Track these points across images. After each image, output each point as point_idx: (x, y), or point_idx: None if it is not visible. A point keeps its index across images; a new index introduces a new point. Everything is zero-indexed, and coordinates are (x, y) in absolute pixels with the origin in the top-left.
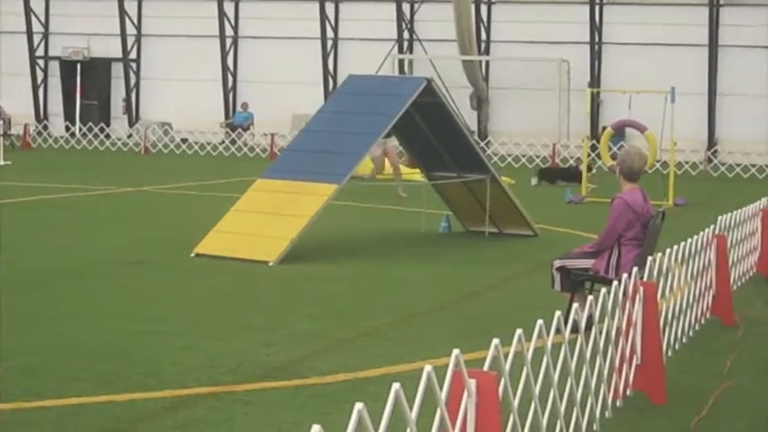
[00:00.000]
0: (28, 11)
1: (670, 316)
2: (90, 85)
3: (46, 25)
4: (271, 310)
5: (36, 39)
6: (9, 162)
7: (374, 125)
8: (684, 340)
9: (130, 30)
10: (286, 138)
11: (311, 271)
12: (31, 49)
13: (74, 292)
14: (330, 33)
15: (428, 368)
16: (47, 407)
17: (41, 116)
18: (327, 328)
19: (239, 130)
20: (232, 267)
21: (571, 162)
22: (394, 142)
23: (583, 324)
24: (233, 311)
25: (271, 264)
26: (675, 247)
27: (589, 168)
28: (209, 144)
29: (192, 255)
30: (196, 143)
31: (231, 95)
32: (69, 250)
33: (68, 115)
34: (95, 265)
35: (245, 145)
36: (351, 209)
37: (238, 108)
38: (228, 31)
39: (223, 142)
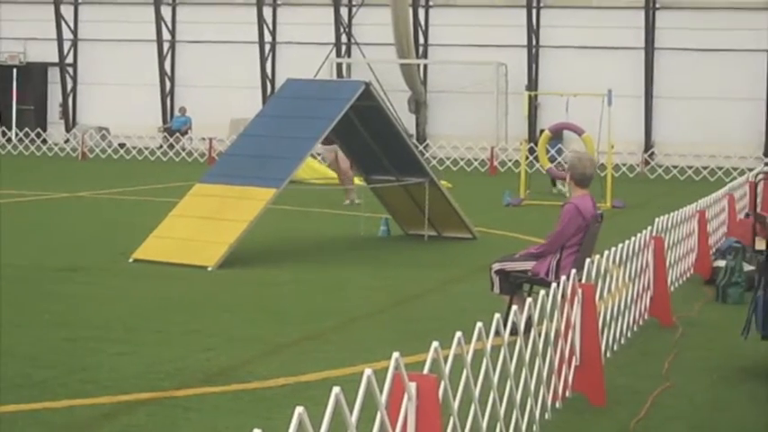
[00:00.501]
0: None
1: (609, 317)
2: (26, 89)
3: None
4: (210, 315)
5: None
6: None
7: (313, 129)
8: (623, 341)
9: (67, 34)
10: (224, 142)
11: (251, 275)
12: None
13: (9, 299)
14: (268, 37)
15: (368, 371)
16: None
17: None
18: (268, 333)
19: (177, 134)
20: (171, 272)
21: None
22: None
23: (522, 326)
24: (172, 316)
25: (210, 269)
26: (613, 248)
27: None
28: (146, 149)
29: (131, 260)
30: (134, 148)
31: (169, 100)
32: (4, 257)
33: (4, 120)
34: (31, 272)
35: (183, 149)
36: (290, 213)
37: (176, 112)
38: (166, 36)
39: (161, 147)
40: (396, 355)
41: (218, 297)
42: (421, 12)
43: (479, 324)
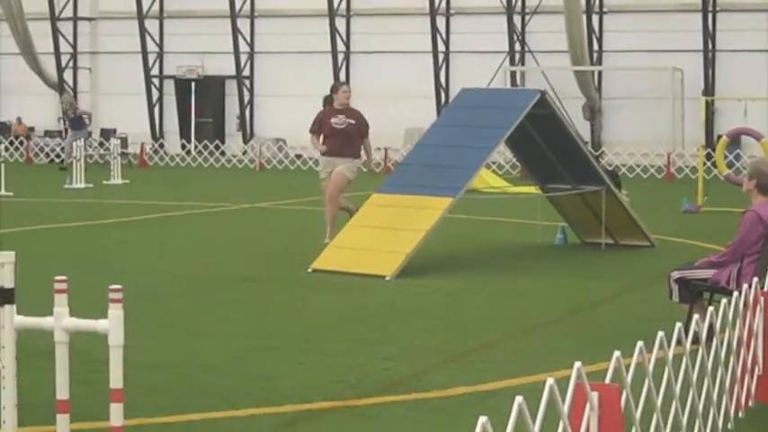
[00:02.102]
0: (143, 31)
1: None
2: (204, 102)
3: (160, 45)
4: (388, 325)
5: (151, 58)
6: (127, 181)
7: (488, 138)
8: None
9: (243, 47)
10: (399, 152)
11: (427, 285)
12: (146, 69)
13: (191, 309)
14: (441, 47)
15: (550, 381)
16: (169, 423)
17: (157, 134)
18: (445, 342)
19: None
20: (349, 282)
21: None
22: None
23: (704, 335)
24: (351, 326)
25: (387, 278)
26: None
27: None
28: None
29: (310, 270)
30: (310, 159)
31: None
32: (186, 267)
33: (184, 133)
34: (212, 282)
35: None
36: (466, 222)
37: None
38: (340, 47)
39: None
40: (578, 364)
41: (396, 306)
42: (595, 18)
43: (661, 333)
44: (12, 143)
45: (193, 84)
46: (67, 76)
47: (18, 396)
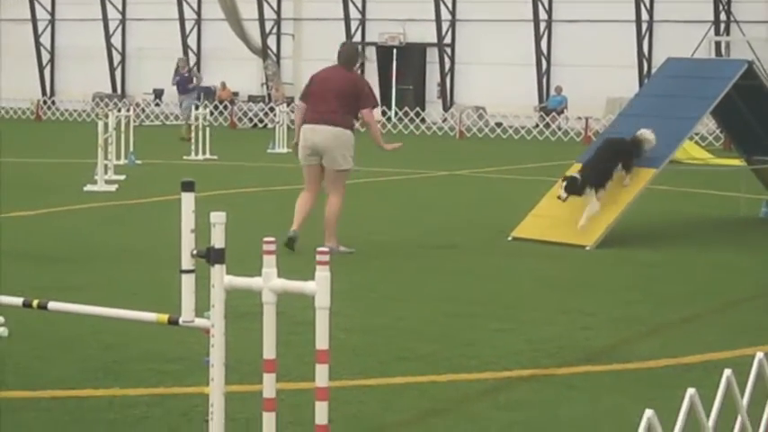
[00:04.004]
0: None
1: None
2: (405, 69)
3: (363, 12)
4: (589, 295)
5: (353, 25)
6: None
7: (694, 109)
8: None
9: (445, 15)
10: (600, 121)
11: (629, 255)
12: (349, 35)
13: (391, 274)
14: (645, 16)
15: (759, 355)
16: (371, 385)
17: None
18: (646, 313)
19: (553, 113)
20: (549, 251)
21: None
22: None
23: None
24: (550, 295)
25: (588, 248)
26: None
27: None
28: (522, 128)
29: (509, 238)
30: (510, 127)
31: (545, 79)
32: (384, 233)
33: (384, 100)
34: (412, 248)
35: (559, 129)
36: (668, 194)
37: (552, 92)
38: (542, 15)
39: (537, 126)
40: None
41: (596, 276)
42: None
43: None
44: (216, 108)
45: (395, 51)
46: (271, 42)
47: (226, 354)
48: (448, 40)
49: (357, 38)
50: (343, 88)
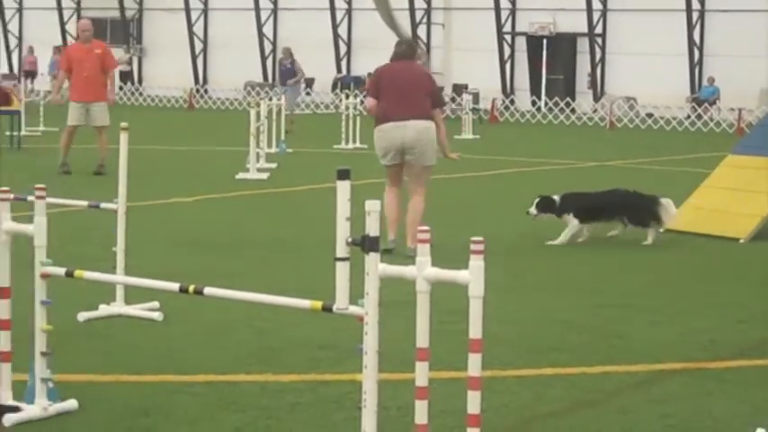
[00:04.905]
0: None
1: None
2: (555, 59)
3: (513, 1)
4: (742, 288)
5: (503, 15)
6: (478, 136)
7: None
8: None
9: (596, 4)
10: (753, 113)
11: None
12: (499, 25)
13: (540, 265)
14: None
15: None
16: (522, 376)
17: (508, 90)
18: None
19: (705, 104)
20: (701, 243)
21: None
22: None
23: None
24: (702, 287)
25: (741, 241)
26: None
27: None
28: (674, 119)
29: (660, 230)
30: (661, 118)
31: (697, 70)
32: (530, 224)
33: (534, 90)
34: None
35: (711, 120)
36: None
37: (704, 82)
38: (695, 5)
39: (689, 117)
40: None
41: (751, 270)
42: None
43: None
44: (366, 97)
45: (545, 41)
46: (421, 31)
47: (379, 342)
48: (599, 29)
49: (507, 28)
50: (422, 82)
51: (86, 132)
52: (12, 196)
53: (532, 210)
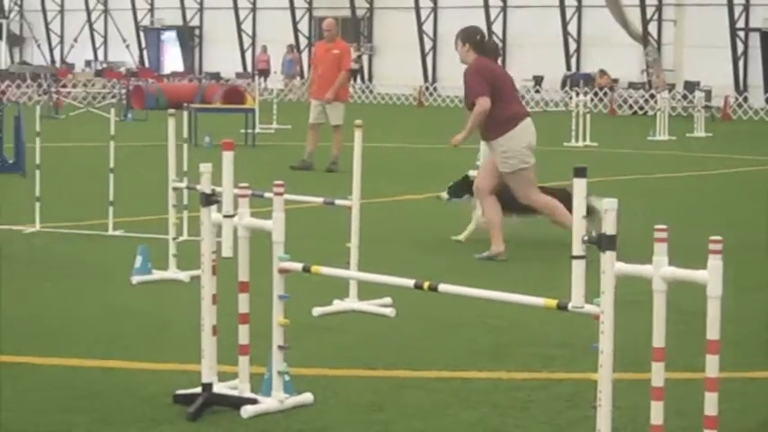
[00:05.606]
0: None
1: None
2: None
3: None
4: None
5: (737, 10)
6: (710, 134)
7: None
8: None
9: None
10: None
11: None
12: (732, 21)
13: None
14: None
15: None
16: (757, 378)
17: (741, 88)
18: None
19: None
20: None
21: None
22: None
23: None
24: None
25: None
26: None
27: None
28: None
29: None
30: None
31: None
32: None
33: None
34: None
35: None
36: None
37: None
38: None
39: None
40: None
41: None
42: None
43: None
44: (596, 94)
45: None
46: (652, 28)
47: (614, 341)
48: None
49: (740, 23)
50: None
51: (326, 130)
52: (250, 192)
53: (443, 195)
